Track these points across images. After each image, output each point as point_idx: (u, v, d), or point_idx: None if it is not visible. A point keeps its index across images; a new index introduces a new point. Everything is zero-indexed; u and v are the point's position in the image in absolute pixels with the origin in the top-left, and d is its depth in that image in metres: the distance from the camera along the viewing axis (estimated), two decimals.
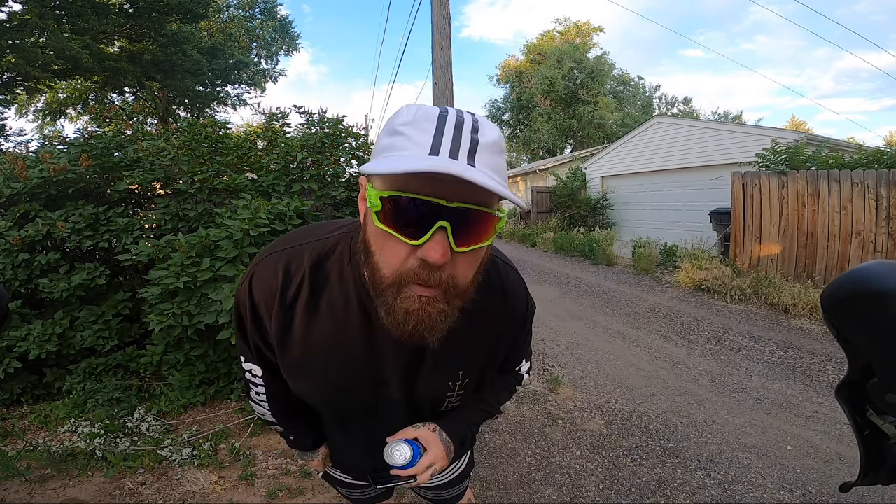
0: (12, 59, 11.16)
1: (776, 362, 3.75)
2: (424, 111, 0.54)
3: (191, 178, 3.11)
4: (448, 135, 0.51)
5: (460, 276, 0.56)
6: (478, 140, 0.52)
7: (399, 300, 0.55)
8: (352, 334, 0.69)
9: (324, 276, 0.68)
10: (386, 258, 0.55)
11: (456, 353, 0.73)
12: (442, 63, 5.60)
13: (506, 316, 0.77)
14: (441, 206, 0.50)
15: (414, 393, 0.76)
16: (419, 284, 0.54)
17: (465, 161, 0.50)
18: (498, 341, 0.79)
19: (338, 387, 0.73)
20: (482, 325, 0.74)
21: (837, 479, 2.22)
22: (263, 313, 0.70)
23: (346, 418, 0.85)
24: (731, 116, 30.85)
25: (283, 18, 23.20)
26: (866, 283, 0.46)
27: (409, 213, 0.51)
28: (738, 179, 6.58)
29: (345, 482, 1.03)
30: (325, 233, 0.72)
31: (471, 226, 0.53)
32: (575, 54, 24.41)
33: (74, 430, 2.46)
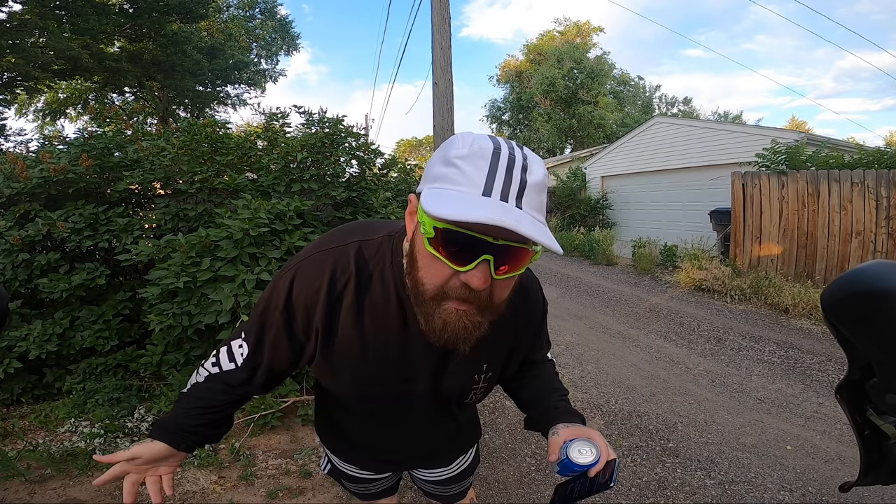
0: (12, 59, 11.16)
1: (776, 362, 3.75)
2: (479, 145, 0.58)
3: (191, 178, 3.11)
4: (500, 175, 0.56)
5: (496, 297, 0.63)
6: (527, 181, 0.57)
7: (438, 311, 0.62)
8: (388, 333, 0.74)
9: (367, 276, 0.73)
10: (431, 276, 0.61)
11: (482, 351, 0.77)
12: (442, 63, 5.60)
13: (526, 311, 0.83)
14: (488, 242, 0.56)
15: (440, 387, 0.81)
16: (458, 300, 0.60)
17: (514, 202, 0.56)
18: (520, 336, 0.85)
19: (370, 381, 0.78)
20: (506, 322, 0.78)
21: (837, 479, 2.22)
22: (299, 307, 0.73)
23: (373, 410, 0.89)
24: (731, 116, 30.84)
25: (283, 18, 23.19)
26: (866, 283, 0.46)
27: (459, 244, 0.56)
28: (738, 179, 6.58)
29: (352, 476, 1.04)
30: (370, 233, 0.76)
31: (510, 258, 0.59)
32: (575, 54, 24.41)
33: (74, 430, 2.46)
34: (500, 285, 0.62)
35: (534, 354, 0.94)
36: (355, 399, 0.86)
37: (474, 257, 0.56)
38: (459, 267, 0.57)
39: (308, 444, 2.46)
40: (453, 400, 0.87)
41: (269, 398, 2.67)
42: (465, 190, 0.56)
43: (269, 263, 2.54)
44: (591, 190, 12.05)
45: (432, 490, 1.14)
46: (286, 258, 2.66)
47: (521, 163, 0.58)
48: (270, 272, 2.50)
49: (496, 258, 0.57)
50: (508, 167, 0.56)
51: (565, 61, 24.22)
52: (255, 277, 2.45)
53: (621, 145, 11.12)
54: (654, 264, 7.71)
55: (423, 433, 0.95)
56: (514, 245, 0.57)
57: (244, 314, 2.39)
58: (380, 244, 0.75)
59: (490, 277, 0.58)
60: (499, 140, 0.59)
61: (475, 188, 0.55)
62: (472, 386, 0.83)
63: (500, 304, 0.64)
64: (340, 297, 0.72)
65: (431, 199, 0.55)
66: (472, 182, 0.56)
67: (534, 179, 0.57)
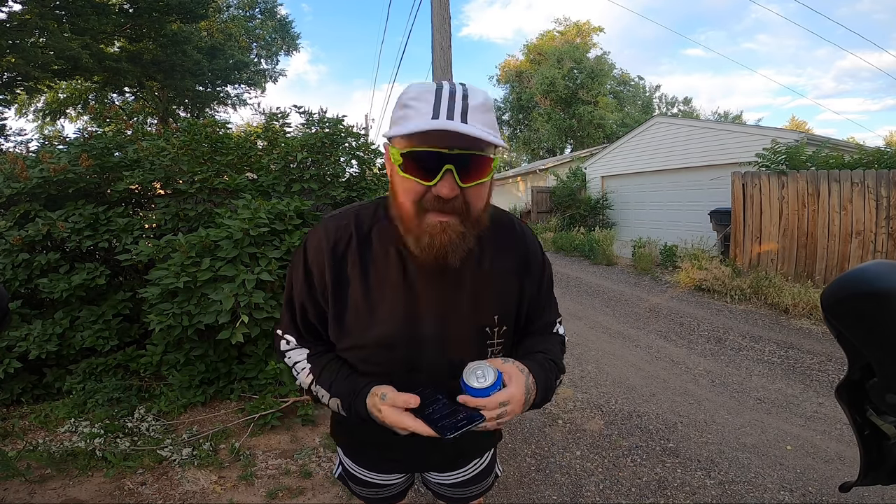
0: (12, 59, 11.16)
1: (776, 362, 3.75)
2: (426, 87, 0.70)
3: (191, 178, 3.11)
4: (444, 102, 0.67)
5: (472, 203, 0.71)
6: (468, 104, 0.68)
7: (422, 226, 0.71)
8: (392, 283, 0.80)
9: (366, 233, 0.82)
10: (407, 196, 0.71)
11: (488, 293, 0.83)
12: (442, 63, 5.60)
13: (525, 254, 0.89)
14: (445, 153, 0.67)
15: (450, 337, 0.82)
16: (436, 212, 0.70)
17: (460, 120, 0.66)
18: (525, 286, 0.88)
19: (379, 340, 0.80)
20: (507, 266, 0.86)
21: (837, 479, 2.22)
22: (314, 270, 0.82)
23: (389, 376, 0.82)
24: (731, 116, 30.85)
25: (283, 18, 23.20)
26: (866, 283, 0.46)
27: (423, 161, 0.68)
28: (738, 179, 6.58)
29: (363, 480, 1.02)
30: (367, 203, 0.88)
31: (471, 166, 0.69)
32: (575, 54, 24.41)
33: (74, 430, 2.46)
34: (472, 194, 0.71)
35: (539, 316, 0.91)
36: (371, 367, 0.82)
37: (438, 170, 0.67)
38: (427, 181, 0.68)
39: (308, 444, 2.46)
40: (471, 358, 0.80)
41: (268, 398, 2.67)
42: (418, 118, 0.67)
43: (269, 263, 2.54)
44: (591, 190, 12.04)
45: (445, 492, 1.10)
46: (286, 258, 2.66)
47: (461, 92, 0.69)
48: (270, 272, 2.50)
49: (458, 167, 0.67)
50: (450, 96, 0.68)
51: (565, 61, 24.23)
52: (255, 277, 2.45)
53: (621, 145, 11.11)
54: (654, 264, 7.71)
55: None
56: (469, 153, 0.67)
57: (244, 314, 2.39)
58: (375, 207, 0.86)
59: (457, 185, 0.68)
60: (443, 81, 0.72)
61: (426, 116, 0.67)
62: (486, 341, 0.84)
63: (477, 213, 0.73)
64: (344, 255, 0.81)
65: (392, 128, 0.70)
66: (422, 113, 0.67)
67: (475, 102, 0.68)
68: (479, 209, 0.74)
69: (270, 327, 2.56)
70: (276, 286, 2.61)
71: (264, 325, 2.53)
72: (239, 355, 2.94)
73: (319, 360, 0.85)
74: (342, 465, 1.06)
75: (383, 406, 0.72)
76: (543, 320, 0.93)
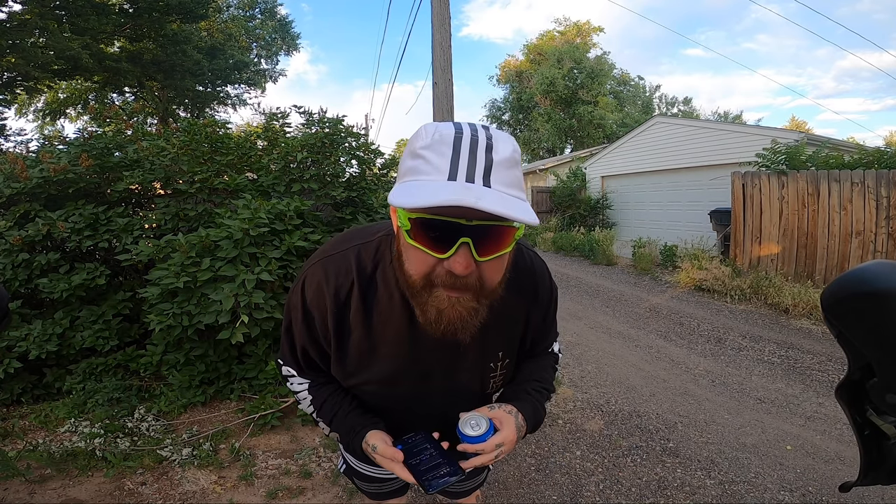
0: (12, 59, 11.16)
1: (776, 362, 3.75)
2: (441, 133, 0.59)
3: (191, 178, 3.11)
4: (464, 157, 0.57)
5: (487, 279, 0.63)
6: (492, 159, 0.57)
7: (430, 300, 0.63)
8: (397, 330, 0.75)
9: (368, 277, 0.75)
10: (416, 266, 0.62)
11: (495, 337, 0.80)
12: (442, 63, 5.60)
13: (535, 294, 0.84)
14: (462, 225, 0.56)
15: (457, 380, 0.82)
16: (447, 287, 0.61)
17: (482, 182, 0.55)
18: (531, 319, 0.85)
19: (385, 381, 0.80)
20: (517, 306, 0.81)
21: (837, 479, 2.22)
22: (315, 314, 0.77)
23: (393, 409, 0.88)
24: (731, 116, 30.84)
25: (283, 18, 23.19)
26: (866, 282, 0.46)
27: (435, 231, 0.58)
28: (738, 179, 6.58)
29: (367, 475, 1.04)
30: (367, 236, 0.79)
31: (491, 238, 0.59)
32: (575, 54, 24.40)
33: (74, 430, 2.46)
34: (489, 268, 0.62)
35: (541, 341, 0.94)
36: (374, 400, 0.86)
37: (452, 242, 0.57)
38: (440, 254, 0.59)
39: (308, 444, 2.46)
40: (475, 392, 0.86)
41: (268, 398, 2.67)
42: (431, 178, 0.56)
43: (269, 263, 2.54)
44: (591, 190, 12.04)
45: None
46: (286, 258, 2.66)
47: (484, 143, 0.58)
48: (270, 272, 2.50)
49: (475, 240, 0.57)
50: (471, 149, 0.57)
51: (565, 61, 24.22)
52: (255, 277, 2.45)
53: (621, 145, 11.11)
54: (654, 264, 7.71)
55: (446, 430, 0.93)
56: (490, 224, 0.57)
57: (244, 314, 2.39)
58: (378, 244, 0.77)
59: (473, 261, 0.59)
60: (462, 125, 0.60)
61: (441, 175, 0.56)
62: (489, 375, 0.84)
63: (493, 288, 0.64)
64: (346, 302, 0.75)
65: (398, 192, 0.57)
66: (437, 169, 0.56)
67: (500, 157, 0.58)
68: (496, 283, 0.65)
69: (270, 327, 2.56)
70: (276, 286, 2.61)
71: (264, 325, 2.53)
72: (239, 355, 2.94)
73: (320, 393, 0.85)
74: (346, 461, 1.08)
75: (375, 455, 0.77)
76: (543, 345, 0.95)
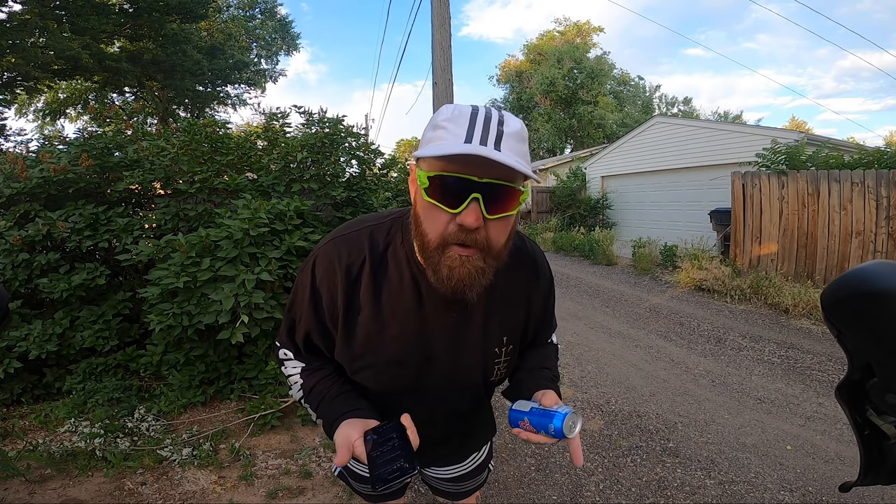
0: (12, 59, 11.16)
1: (776, 362, 3.75)
2: (460, 110, 0.67)
3: (191, 178, 3.11)
4: (479, 127, 0.64)
5: (494, 239, 0.68)
6: (503, 131, 0.64)
7: (443, 259, 0.67)
8: (405, 307, 0.78)
9: (380, 255, 0.79)
10: (432, 225, 0.68)
11: (498, 319, 0.84)
12: (442, 63, 5.60)
13: (537, 277, 0.89)
14: (473, 181, 0.63)
15: (461, 362, 0.83)
16: (459, 245, 0.66)
17: (493, 147, 0.63)
18: (532, 304, 0.89)
19: (391, 361, 0.80)
20: (518, 290, 0.86)
21: (837, 479, 2.22)
22: (324, 292, 0.79)
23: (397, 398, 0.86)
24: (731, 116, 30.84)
25: (283, 18, 23.20)
26: (866, 283, 0.46)
27: (450, 187, 0.64)
28: (738, 179, 6.58)
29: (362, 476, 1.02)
30: (380, 219, 0.84)
31: (498, 198, 0.65)
32: (575, 54, 24.41)
33: (74, 430, 2.46)
34: (496, 228, 0.67)
35: (542, 330, 0.97)
36: (378, 385, 0.85)
37: (464, 197, 0.63)
38: (453, 209, 0.64)
39: (308, 444, 2.46)
40: (478, 378, 0.87)
41: (268, 398, 2.67)
42: (450, 141, 0.64)
43: (269, 263, 2.54)
44: (591, 190, 12.05)
45: (444, 487, 1.13)
46: (286, 258, 2.66)
47: (497, 118, 0.66)
48: (270, 272, 2.50)
49: (485, 197, 0.63)
50: (486, 122, 0.65)
51: (565, 61, 24.23)
52: (255, 277, 2.45)
53: (621, 145, 11.11)
54: (653, 264, 7.71)
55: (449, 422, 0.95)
56: (498, 183, 0.64)
57: (244, 314, 2.39)
58: (390, 226, 0.82)
59: (482, 216, 0.64)
60: (478, 105, 0.68)
61: (459, 139, 0.63)
62: (493, 360, 0.85)
63: (499, 249, 0.69)
64: (358, 278, 0.78)
65: (423, 149, 0.66)
66: (455, 135, 0.64)
67: (510, 130, 0.65)
68: (501, 244, 0.70)
69: (271, 327, 2.56)
70: (276, 286, 2.61)
71: (264, 325, 2.53)
72: (239, 355, 2.94)
73: (311, 378, 0.86)
74: None
75: None
76: (545, 335, 0.99)
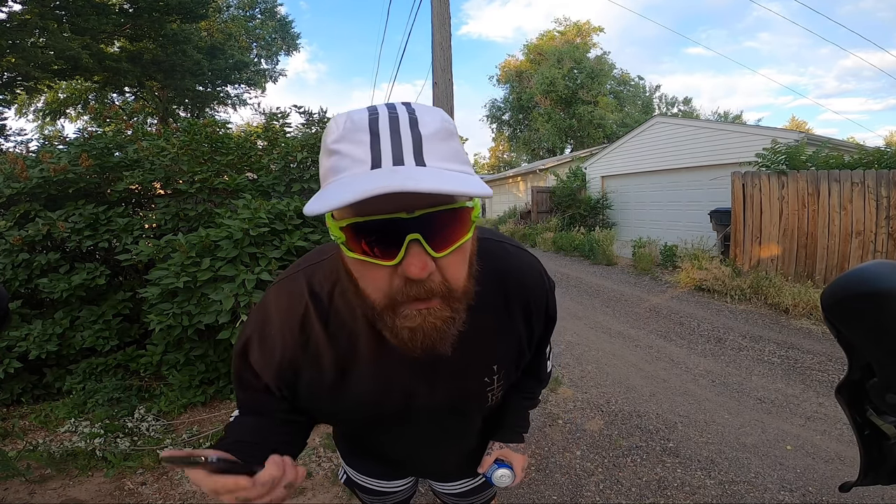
0: (12, 59, 11.16)
1: (776, 362, 3.75)
2: (353, 120, 0.49)
3: (191, 178, 3.11)
4: (385, 139, 0.47)
5: (452, 279, 0.52)
6: (420, 133, 0.48)
7: (398, 320, 0.52)
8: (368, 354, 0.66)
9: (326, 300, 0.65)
10: (370, 285, 0.52)
11: (485, 350, 0.71)
12: (442, 63, 5.60)
13: (526, 295, 0.73)
14: (403, 219, 0.47)
15: (449, 396, 0.73)
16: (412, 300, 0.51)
17: (413, 162, 0.46)
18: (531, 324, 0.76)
19: (370, 408, 0.70)
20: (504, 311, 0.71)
21: (837, 479, 2.22)
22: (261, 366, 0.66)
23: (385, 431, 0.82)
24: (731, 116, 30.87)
25: (282, 18, 23.21)
26: (866, 283, 0.46)
27: (373, 235, 0.48)
28: (738, 179, 6.58)
29: (368, 488, 1.00)
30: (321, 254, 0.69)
31: (443, 227, 0.49)
32: (575, 54, 24.43)
33: (74, 430, 2.46)
34: (451, 264, 0.52)
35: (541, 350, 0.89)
36: (364, 425, 0.78)
37: (398, 242, 0.48)
38: (389, 261, 0.48)
39: (308, 444, 2.46)
40: (472, 408, 0.79)
41: None
42: (352, 172, 0.47)
43: (269, 263, 2.54)
44: (591, 190, 12.05)
45: (453, 502, 1.08)
46: (286, 258, 2.66)
47: (406, 119, 0.49)
48: (270, 272, 2.50)
49: (425, 233, 0.48)
50: (392, 128, 0.48)
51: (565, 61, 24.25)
52: (255, 277, 2.45)
53: (621, 145, 11.11)
54: (654, 264, 7.71)
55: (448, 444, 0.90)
56: (438, 210, 0.48)
57: (244, 314, 2.39)
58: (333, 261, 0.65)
59: (429, 258, 0.49)
60: (377, 106, 0.52)
61: (363, 165, 0.46)
62: (486, 389, 0.75)
63: (463, 287, 0.54)
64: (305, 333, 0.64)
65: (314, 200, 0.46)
66: (358, 161, 0.47)
67: (429, 130, 0.49)
68: (463, 279, 0.54)
69: None
70: None
71: None
72: None
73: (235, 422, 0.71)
74: (346, 472, 1.04)
75: None
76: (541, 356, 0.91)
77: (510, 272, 0.72)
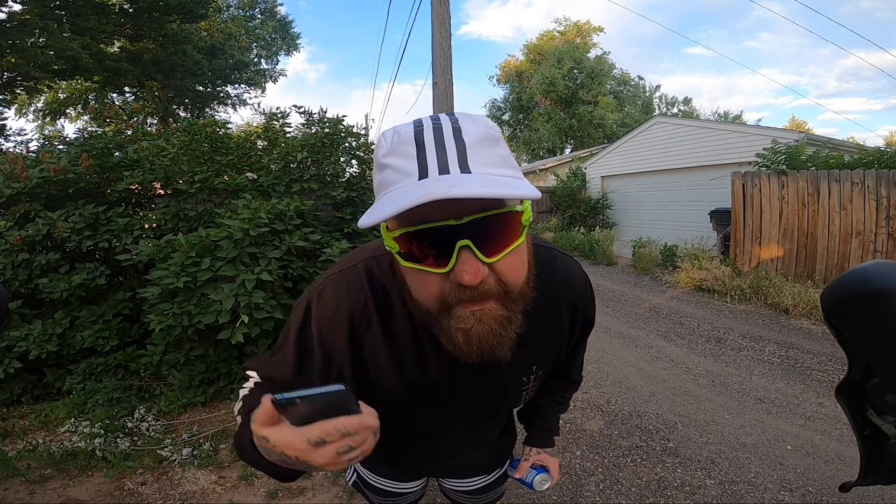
0: (12, 59, 11.16)
1: (776, 362, 3.75)
2: (399, 134, 0.52)
3: (191, 178, 3.11)
4: (430, 150, 0.49)
5: (510, 279, 0.53)
6: (465, 142, 0.50)
7: (453, 322, 0.53)
8: (422, 353, 0.67)
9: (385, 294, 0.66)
10: (424, 291, 0.54)
11: (531, 354, 0.72)
12: (442, 63, 5.60)
13: (573, 299, 0.76)
14: (452, 226, 0.48)
15: (492, 399, 0.78)
16: (466, 302, 0.52)
17: (458, 169, 0.48)
18: (574, 327, 0.79)
19: (407, 404, 0.72)
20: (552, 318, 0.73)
21: (837, 479, 2.22)
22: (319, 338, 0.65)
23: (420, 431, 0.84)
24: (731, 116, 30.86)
25: (282, 18, 23.20)
26: (866, 283, 0.46)
27: (425, 242, 0.50)
28: (738, 179, 6.58)
29: (380, 489, 0.99)
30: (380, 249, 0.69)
31: (493, 232, 0.50)
32: (575, 54, 24.42)
33: (74, 430, 2.46)
34: (506, 266, 0.52)
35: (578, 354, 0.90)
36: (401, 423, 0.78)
37: (450, 249, 0.49)
38: (441, 268, 0.50)
39: None
40: (507, 407, 0.85)
41: None
42: (402, 185, 0.49)
43: (269, 263, 2.54)
44: (591, 190, 12.04)
45: (467, 500, 1.08)
46: (286, 258, 2.66)
47: (450, 128, 0.51)
48: (270, 272, 2.50)
49: (475, 239, 0.49)
50: (437, 139, 0.50)
51: (565, 61, 24.23)
52: (255, 277, 2.45)
53: (621, 145, 11.11)
54: (654, 264, 7.71)
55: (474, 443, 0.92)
56: (486, 215, 0.49)
57: (244, 314, 2.39)
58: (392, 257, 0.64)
59: (481, 264, 0.49)
60: (422, 119, 0.54)
61: (411, 177, 0.48)
62: (521, 388, 0.77)
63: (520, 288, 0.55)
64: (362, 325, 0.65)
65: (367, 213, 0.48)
66: (406, 174, 0.49)
67: (473, 138, 0.50)
68: (521, 280, 0.55)
69: (271, 327, 2.56)
70: (276, 286, 2.61)
71: (264, 325, 2.53)
72: (239, 355, 2.94)
73: None
74: (356, 472, 1.02)
75: None
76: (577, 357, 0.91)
77: (560, 278, 0.73)
